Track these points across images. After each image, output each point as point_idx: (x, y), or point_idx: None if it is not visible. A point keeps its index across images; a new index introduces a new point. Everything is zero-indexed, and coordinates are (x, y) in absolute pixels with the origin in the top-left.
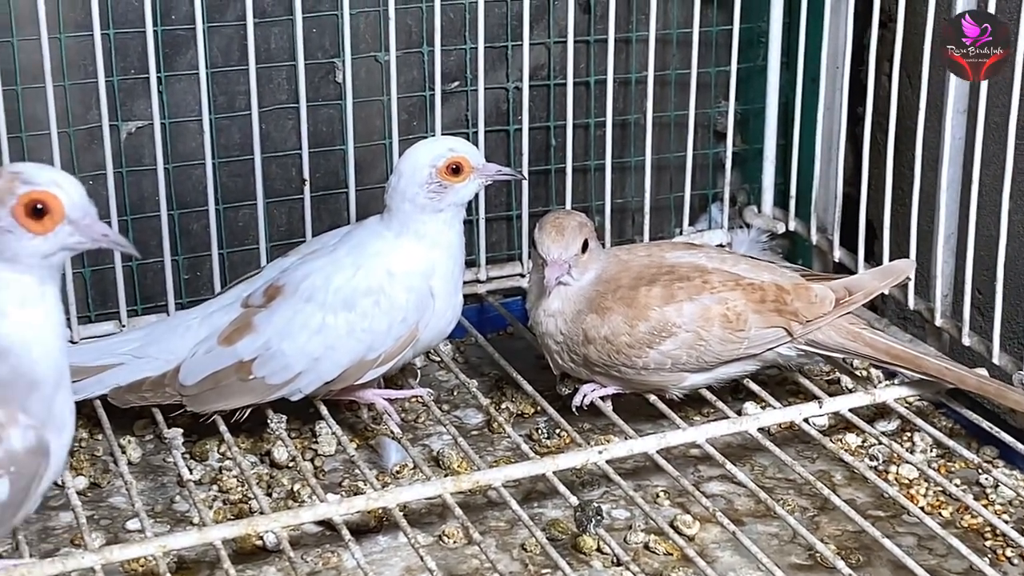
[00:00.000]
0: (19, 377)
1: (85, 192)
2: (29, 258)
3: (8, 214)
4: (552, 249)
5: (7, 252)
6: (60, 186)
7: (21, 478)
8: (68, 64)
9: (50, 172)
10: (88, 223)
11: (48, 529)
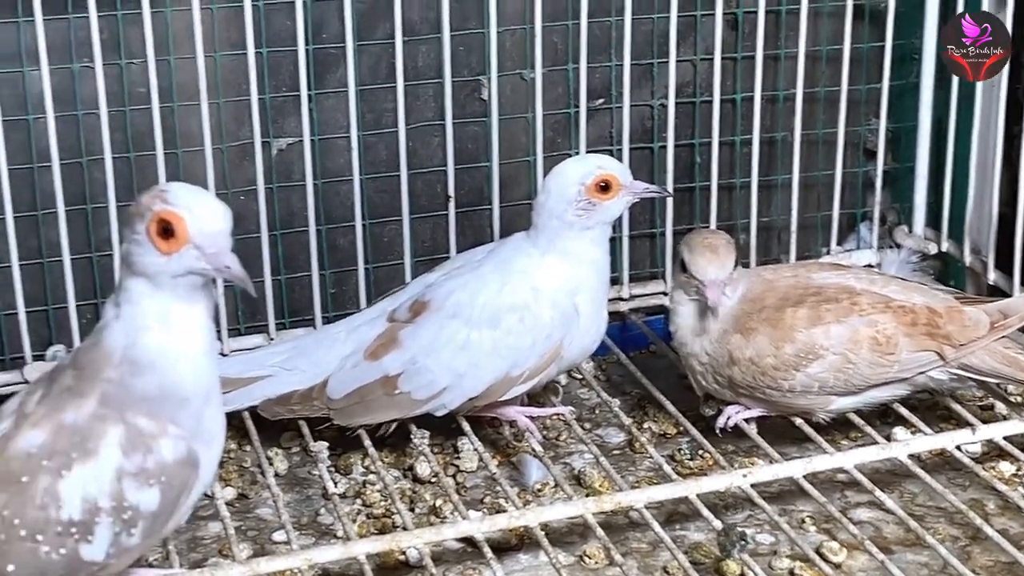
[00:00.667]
0: (166, 391)
1: (222, 221)
2: (158, 276)
3: (144, 229)
4: (709, 270)
5: (139, 266)
6: (191, 211)
7: (171, 489)
8: (222, 82)
9: (191, 195)
10: (213, 252)
11: (197, 539)
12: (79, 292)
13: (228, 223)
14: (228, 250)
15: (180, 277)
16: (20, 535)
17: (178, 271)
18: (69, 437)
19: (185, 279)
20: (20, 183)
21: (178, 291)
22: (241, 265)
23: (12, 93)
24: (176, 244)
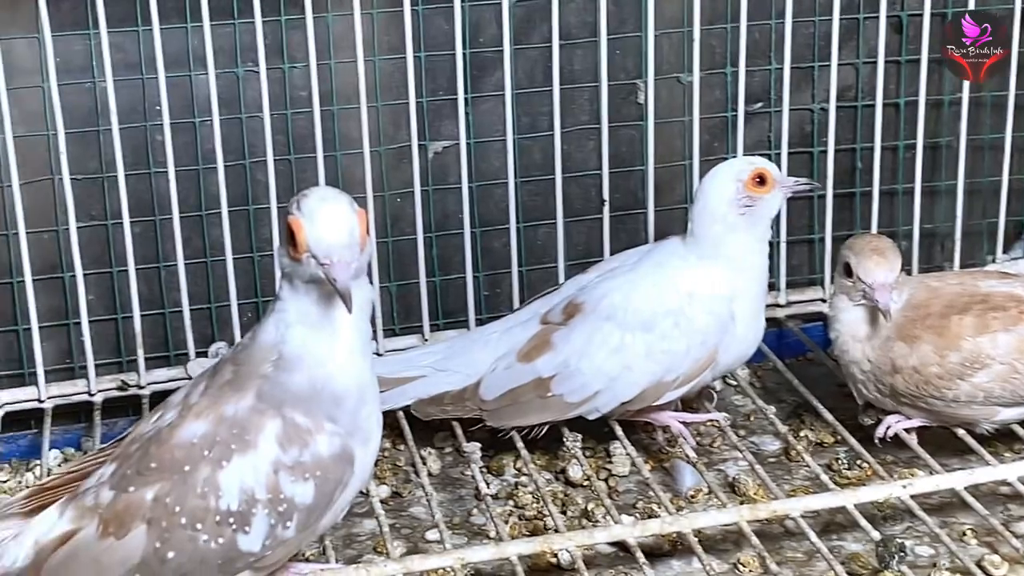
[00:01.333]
0: (317, 388)
1: (341, 235)
2: (293, 277)
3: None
4: (877, 273)
5: (281, 266)
6: (312, 221)
7: (326, 483)
8: (381, 86)
9: (318, 204)
10: (327, 264)
11: (352, 536)
12: (241, 291)
13: (349, 237)
14: (345, 262)
15: (309, 282)
16: (181, 523)
17: (304, 276)
18: (229, 429)
19: (315, 283)
20: (186, 184)
21: (312, 294)
22: (350, 282)
23: (180, 96)
24: (298, 251)
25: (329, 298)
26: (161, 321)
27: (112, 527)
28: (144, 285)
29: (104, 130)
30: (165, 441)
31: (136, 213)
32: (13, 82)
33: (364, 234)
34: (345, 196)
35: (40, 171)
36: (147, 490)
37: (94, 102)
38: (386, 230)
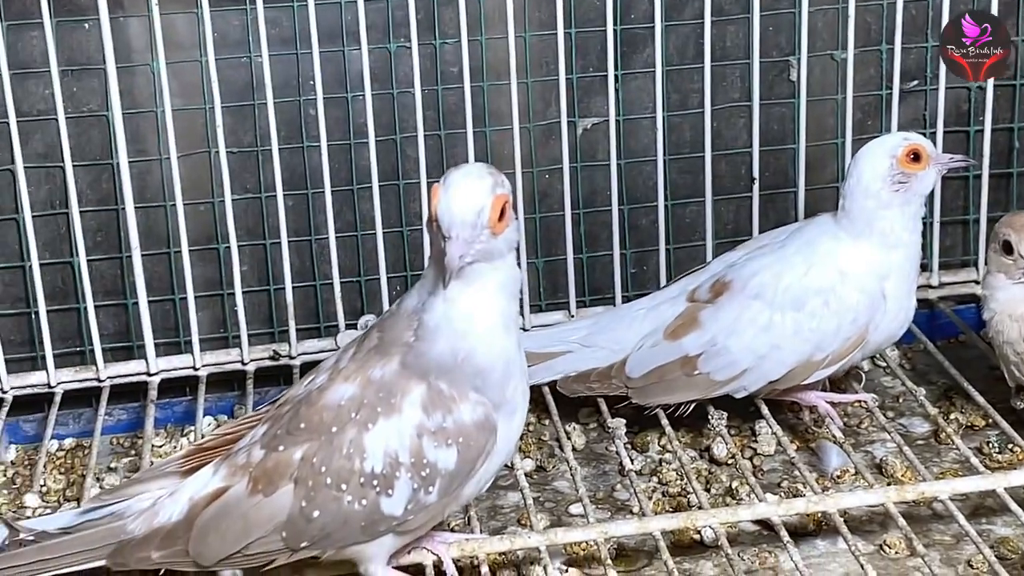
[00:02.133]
0: (459, 359)
1: (466, 212)
2: (434, 250)
3: None
4: None
5: None
6: (446, 192)
7: (468, 450)
8: (531, 62)
9: (457, 180)
10: (449, 237)
11: (497, 507)
12: (390, 264)
13: (475, 216)
14: (464, 240)
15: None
16: (326, 483)
17: (435, 245)
18: (376, 392)
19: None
20: (338, 158)
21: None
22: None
23: (333, 71)
24: (431, 219)
25: (470, 273)
26: (312, 293)
27: (261, 485)
28: (296, 257)
29: (259, 104)
30: (314, 403)
31: (289, 186)
32: (173, 56)
33: (496, 218)
34: (490, 178)
35: (197, 144)
36: (295, 450)
37: (250, 76)
38: (534, 206)
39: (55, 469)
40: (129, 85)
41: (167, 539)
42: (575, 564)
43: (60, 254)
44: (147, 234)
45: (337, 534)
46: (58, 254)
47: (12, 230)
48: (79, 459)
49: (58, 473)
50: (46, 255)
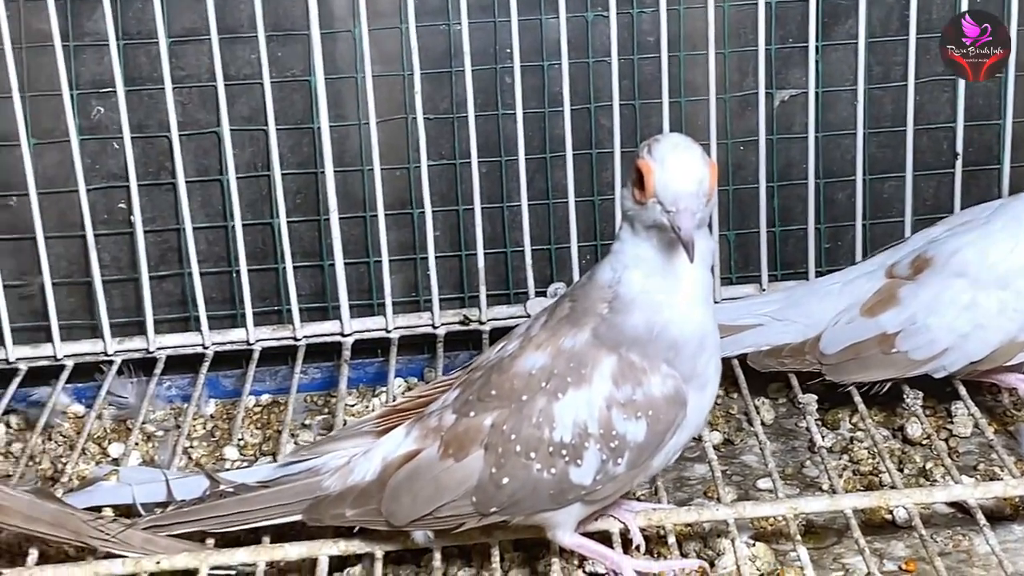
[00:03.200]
0: (654, 332)
1: (690, 183)
2: (635, 222)
3: (631, 175)
4: None
5: (623, 209)
6: (663, 166)
7: (658, 423)
8: (730, 32)
9: (671, 150)
10: (674, 211)
11: (683, 479)
12: (581, 233)
13: (699, 185)
14: (691, 211)
15: (651, 227)
16: (516, 450)
17: (647, 221)
18: (566, 362)
19: (657, 229)
20: (532, 126)
21: (652, 239)
22: (693, 231)
23: (530, 40)
24: (645, 195)
25: (670, 245)
26: (502, 259)
27: (452, 449)
28: (488, 224)
29: (457, 71)
30: (505, 370)
31: (483, 153)
32: (374, 23)
33: (713, 186)
34: (698, 147)
35: (395, 110)
36: (486, 416)
37: (448, 44)
38: (728, 178)
39: (252, 424)
40: (331, 51)
41: (361, 497)
42: (762, 539)
43: (261, 215)
44: (344, 197)
45: (526, 501)
46: (259, 215)
47: (216, 190)
48: (275, 415)
49: (255, 428)
50: (248, 216)
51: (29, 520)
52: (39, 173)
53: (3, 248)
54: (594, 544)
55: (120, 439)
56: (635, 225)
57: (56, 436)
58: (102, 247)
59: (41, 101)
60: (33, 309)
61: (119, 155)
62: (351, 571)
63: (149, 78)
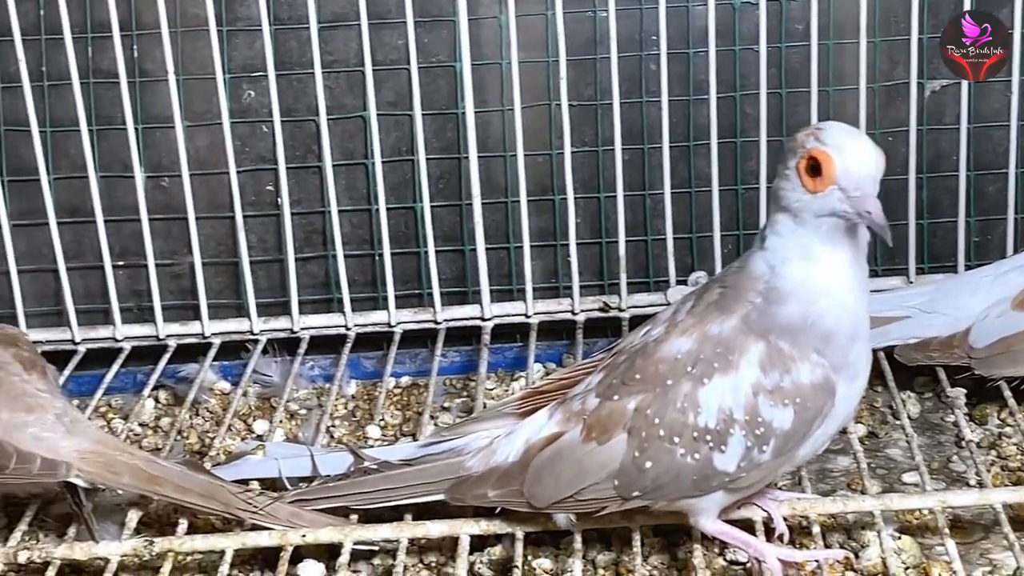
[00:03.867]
0: (808, 323)
1: (872, 166)
2: (802, 212)
3: (794, 165)
4: None
5: (785, 201)
6: (842, 152)
7: (805, 411)
8: (880, 21)
9: (845, 136)
10: (857, 195)
11: (826, 471)
12: (723, 222)
13: (878, 168)
14: (873, 196)
15: (823, 217)
16: (659, 435)
17: (821, 211)
18: (713, 347)
19: (828, 219)
20: (676, 114)
21: (820, 230)
22: (883, 213)
23: (676, 27)
24: (822, 183)
25: (843, 234)
26: (643, 248)
27: (595, 432)
28: (629, 211)
29: (601, 58)
30: (650, 354)
31: (626, 141)
32: (521, 9)
33: None
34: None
35: (539, 96)
36: (630, 400)
37: (593, 31)
38: None
39: (392, 405)
40: (477, 36)
41: (503, 478)
42: (908, 532)
43: (404, 199)
44: (486, 183)
45: (669, 486)
46: (402, 199)
47: (361, 174)
48: (414, 397)
49: (395, 409)
50: (391, 199)
51: (180, 491)
52: (191, 155)
53: (155, 228)
54: (737, 531)
55: (264, 416)
56: (800, 216)
57: (203, 412)
58: (249, 228)
59: (194, 84)
60: (182, 288)
61: (267, 138)
62: (491, 550)
63: (298, 63)
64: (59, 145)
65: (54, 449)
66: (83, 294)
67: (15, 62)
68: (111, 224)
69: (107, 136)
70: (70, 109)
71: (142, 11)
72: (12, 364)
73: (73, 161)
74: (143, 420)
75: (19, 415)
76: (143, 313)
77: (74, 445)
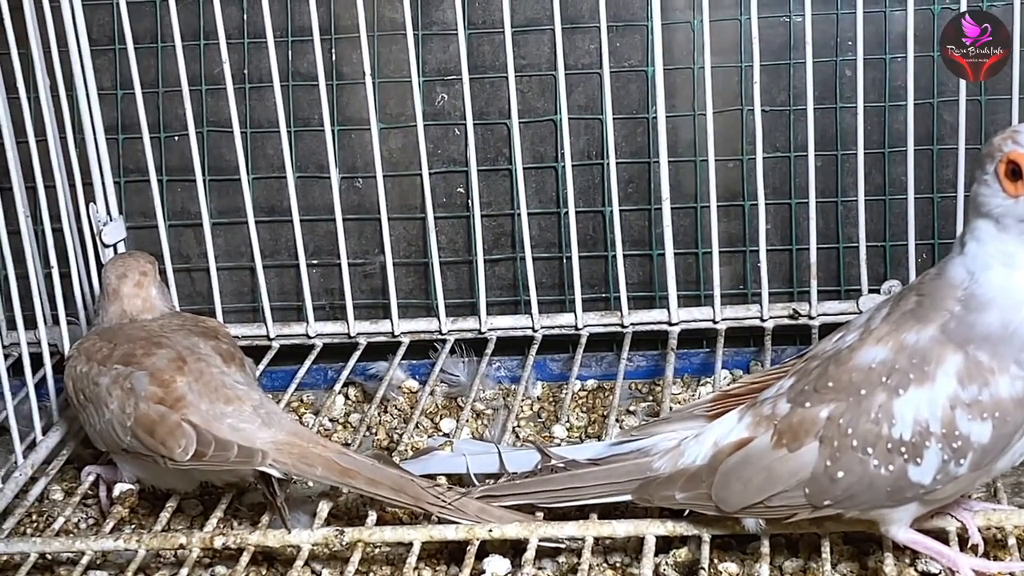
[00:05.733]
0: (1009, 331)
1: None
2: (1004, 217)
3: (992, 170)
4: None
5: (986, 207)
6: None
7: (1004, 425)
8: None
9: None
10: None
11: (1022, 484)
12: (918, 231)
13: None
14: None
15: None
16: (852, 445)
17: (1019, 215)
18: (908, 358)
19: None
20: (872, 120)
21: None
22: None
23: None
24: (1019, 188)
25: None
26: (834, 255)
27: (786, 439)
28: (821, 218)
29: (796, 63)
30: (844, 362)
31: (819, 147)
32: (715, 15)
33: None
34: None
35: (731, 101)
36: (822, 408)
37: (788, 35)
38: None
39: (577, 407)
40: (669, 41)
41: (691, 481)
42: None
43: (593, 203)
44: (676, 187)
45: (861, 496)
46: (591, 203)
47: (551, 177)
48: (600, 399)
49: (580, 411)
50: (580, 203)
51: (372, 483)
52: (384, 156)
53: (349, 228)
54: (930, 541)
55: (451, 415)
56: (1002, 221)
57: (391, 409)
58: (440, 229)
59: (389, 87)
60: (373, 287)
61: (459, 140)
62: (676, 552)
63: (491, 66)
64: (258, 145)
65: (250, 439)
66: (278, 291)
67: (219, 64)
68: (306, 223)
69: (304, 137)
70: (269, 110)
71: (340, 15)
72: (212, 356)
73: (271, 161)
74: (333, 415)
75: (218, 405)
76: (335, 311)
77: (270, 436)
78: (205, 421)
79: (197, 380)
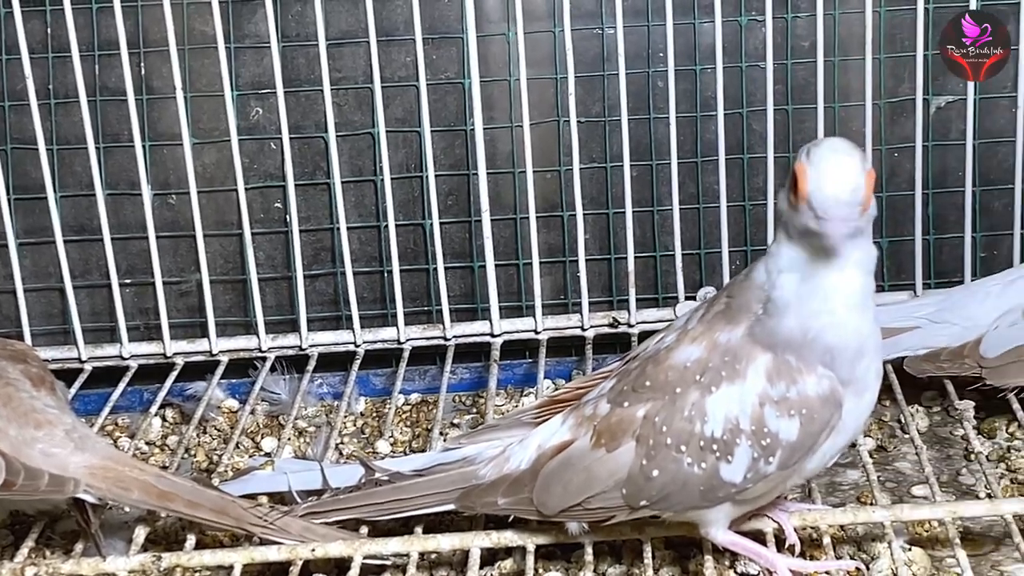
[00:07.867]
0: (808, 337)
1: (842, 191)
2: (788, 226)
3: (789, 177)
4: None
5: (781, 215)
6: (817, 171)
7: (811, 423)
8: (885, 38)
9: (827, 156)
10: (822, 217)
11: (835, 484)
12: (732, 238)
13: (853, 194)
14: (841, 219)
15: (803, 232)
16: (666, 443)
17: (799, 225)
18: (721, 356)
19: (807, 234)
20: (684, 130)
21: (804, 244)
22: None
23: (683, 44)
24: (797, 199)
25: (819, 252)
26: (652, 263)
27: (604, 439)
28: (638, 227)
29: (609, 75)
30: (661, 362)
31: (635, 157)
32: (528, 26)
33: (869, 195)
34: (859, 153)
35: (547, 113)
36: (639, 407)
37: (601, 47)
38: (882, 185)
39: (401, 422)
40: (485, 53)
41: (514, 486)
42: (918, 544)
43: (413, 216)
44: (495, 199)
45: (676, 496)
46: (411, 216)
47: (370, 191)
48: (424, 413)
49: (404, 426)
50: (400, 216)
51: (191, 506)
52: (198, 172)
53: (163, 245)
54: (748, 542)
55: (273, 434)
56: (790, 228)
57: (211, 429)
58: (258, 246)
59: (202, 101)
60: (190, 305)
61: (276, 155)
62: (502, 564)
63: (307, 80)
64: (66, 162)
65: (62, 465)
66: (90, 312)
67: (22, 79)
68: (118, 242)
69: (114, 153)
70: (77, 126)
71: (149, 28)
72: (21, 380)
73: (80, 179)
74: (150, 438)
75: (28, 431)
76: (150, 331)
77: (83, 461)
78: (14, 448)
79: (5, 405)
